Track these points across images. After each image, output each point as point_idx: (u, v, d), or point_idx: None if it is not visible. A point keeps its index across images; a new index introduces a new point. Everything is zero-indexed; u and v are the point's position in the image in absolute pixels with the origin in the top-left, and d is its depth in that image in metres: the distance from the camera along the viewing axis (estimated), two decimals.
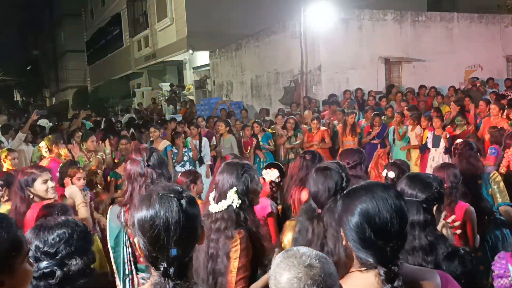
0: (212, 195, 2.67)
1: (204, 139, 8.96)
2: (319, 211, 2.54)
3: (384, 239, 1.55)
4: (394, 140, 8.91)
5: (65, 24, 39.11)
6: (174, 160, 8.15)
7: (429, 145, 8.10)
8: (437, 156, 7.86)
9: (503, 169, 5.06)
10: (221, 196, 2.59)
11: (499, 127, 7.07)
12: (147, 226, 1.55)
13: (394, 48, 13.72)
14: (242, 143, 9.13)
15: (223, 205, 2.55)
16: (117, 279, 3.13)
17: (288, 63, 14.16)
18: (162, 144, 8.14)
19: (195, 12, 18.65)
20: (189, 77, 22.20)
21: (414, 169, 7.76)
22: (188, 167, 8.06)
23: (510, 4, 13.93)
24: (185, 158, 8.31)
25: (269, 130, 9.96)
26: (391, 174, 3.67)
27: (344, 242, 1.67)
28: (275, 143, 9.25)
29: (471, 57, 14.56)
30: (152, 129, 8.51)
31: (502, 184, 4.13)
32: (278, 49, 14.74)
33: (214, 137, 9.75)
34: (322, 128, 8.92)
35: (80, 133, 7.86)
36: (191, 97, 20.01)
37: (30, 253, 1.82)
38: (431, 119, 8.36)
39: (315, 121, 8.86)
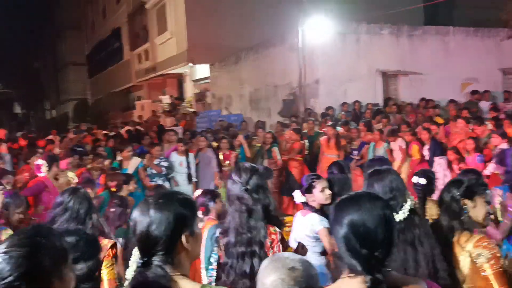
0: None
1: (191, 155, 8.75)
2: None
3: (369, 248, 1.64)
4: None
5: (66, 37, 39.39)
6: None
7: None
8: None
9: None
10: None
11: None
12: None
13: (391, 61, 13.89)
14: (223, 156, 8.90)
15: None
16: None
17: (287, 76, 14.32)
18: (133, 163, 8.00)
19: (195, 26, 18.89)
20: (190, 90, 22.36)
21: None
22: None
23: (505, 18, 14.09)
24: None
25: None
26: (422, 181, 3.79)
27: (335, 249, 1.77)
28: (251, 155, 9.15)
29: (467, 70, 14.71)
30: (125, 151, 8.19)
31: None
32: (276, 62, 14.91)
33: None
34: (300, 141, 8.94)
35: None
36: (192, 110, 20.15)
37: None
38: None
39: (291, 131, 8.93)
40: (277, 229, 2.87)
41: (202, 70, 20.41)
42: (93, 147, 10.33)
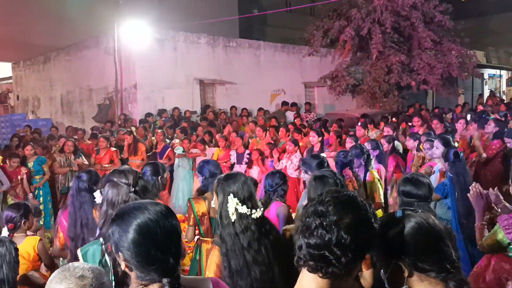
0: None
1: None
2: None
3: (163, 252, 1.61)
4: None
5: None
6: None
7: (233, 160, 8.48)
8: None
9: None
10: None
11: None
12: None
13: (208, 71, 14.39)
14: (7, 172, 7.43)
15: None
16: None
17: (102, 80, 13.68)
18: None
19: None
20: None
21: None
22: None
23: (307, 37, 15.84)
24: None
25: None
26: None
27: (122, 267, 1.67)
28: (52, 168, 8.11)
29: (275, 82, 16.12)
30: None
31: None
32: (91, 65, 14.14)
33: None
34: (112, 149, 8.63)
35: None
36: None
37: None
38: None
39: (102, 140, 8.55)
40: None
41: (4, 69, 18.20)
42: None
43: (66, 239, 3.53)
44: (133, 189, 2.65)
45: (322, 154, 4.93)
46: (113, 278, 2.38)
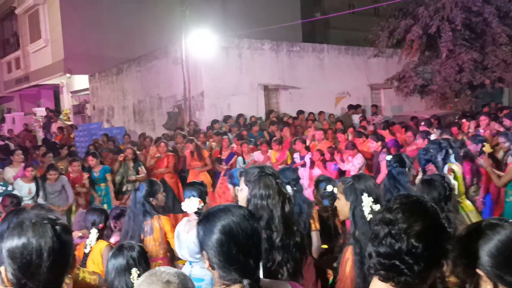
0: None
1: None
2: None
3: (244, 254, 1.66)
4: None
5: None
6: None
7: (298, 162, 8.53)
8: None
9: None
10: None
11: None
12: (18, 253, 1.56)
13: (272, 76, 14.50)
14: (70, 179, 7.83)
15: None
16: None
17: (171, 89, 14.20)
18: None
19: (72, 34, 17.93)
20: (67, 102, 21.06)
21: None
22: None
23: (372, 38, 15.52)
24: None
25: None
26: None
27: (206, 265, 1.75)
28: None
29: (340, 85, 15.92)
30: None
31: None
32: (160, 74, 14.72)
33: None
34: (169, 153, 8.87)
35: None
36: (69, 123, 18.97)
37: None
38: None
39: (162, 145, 8.81)
40: None
41: (81, 81, 19.39)
42: None
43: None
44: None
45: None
46: None
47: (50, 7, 19.27)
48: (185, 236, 3.67)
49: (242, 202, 2.74)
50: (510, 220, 1.65)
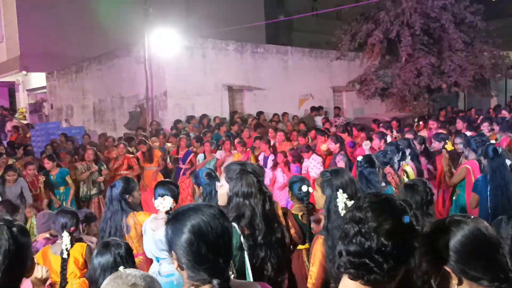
0: None
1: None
2: None
3: (215, 253, 1.61)
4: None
5: None
6: None
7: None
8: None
9: None
10: None
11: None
12: None
13: (236, 77, 14.49)
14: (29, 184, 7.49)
15: None
16: None
17: (133, 88, 13.94)
18: None
19: (29, 30, 17.30)
20: (23, 100, 20.32)
21: None
22: None
23: (335, 41, 15.76)
24: None
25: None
26: None
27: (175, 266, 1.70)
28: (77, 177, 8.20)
29: (303, 87, 16.09)
30: None
31: None
32: (122, 73, 14.43)
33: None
34: (129, 155, 8.75)
35: None
36: (25, 122, 18.30)
37: None
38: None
39: (121, 147, 8.66)
40: None
41: (38, 79, 18.75)
42: None
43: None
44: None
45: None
46: None
47: (5, 1, 18.55)
48: (151, 234, 3.62)
49: (222, 197, 2.74)
50: (473, 217, 1.69)
